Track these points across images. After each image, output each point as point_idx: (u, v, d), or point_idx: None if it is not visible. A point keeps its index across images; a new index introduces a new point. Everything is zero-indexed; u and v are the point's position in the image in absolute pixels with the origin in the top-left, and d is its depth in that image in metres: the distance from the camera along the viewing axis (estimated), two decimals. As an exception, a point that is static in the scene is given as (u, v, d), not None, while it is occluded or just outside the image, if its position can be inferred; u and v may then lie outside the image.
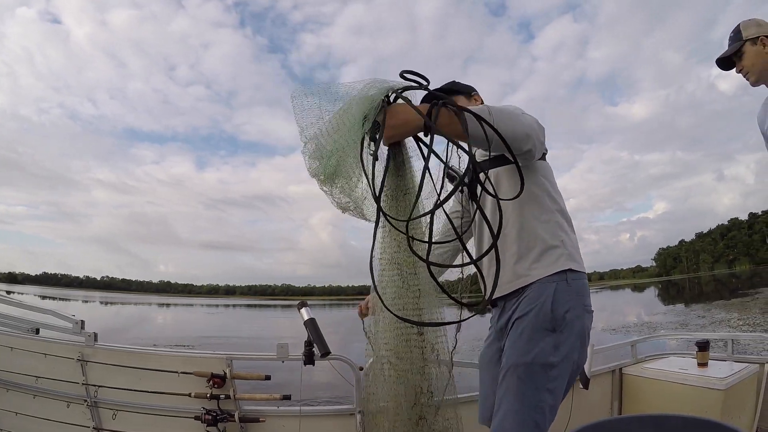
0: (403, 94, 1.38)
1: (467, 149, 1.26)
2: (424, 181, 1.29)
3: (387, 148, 1.44)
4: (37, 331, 2.73)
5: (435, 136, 1.32)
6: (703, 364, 2.96)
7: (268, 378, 2.47)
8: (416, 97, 1.42)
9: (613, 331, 18.55)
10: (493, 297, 1.44)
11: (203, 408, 2.43)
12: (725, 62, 2.22)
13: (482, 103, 1.93)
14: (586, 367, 2.68)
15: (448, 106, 1.32)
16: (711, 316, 22.78)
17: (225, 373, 2.45)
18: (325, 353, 2.28)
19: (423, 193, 1.31)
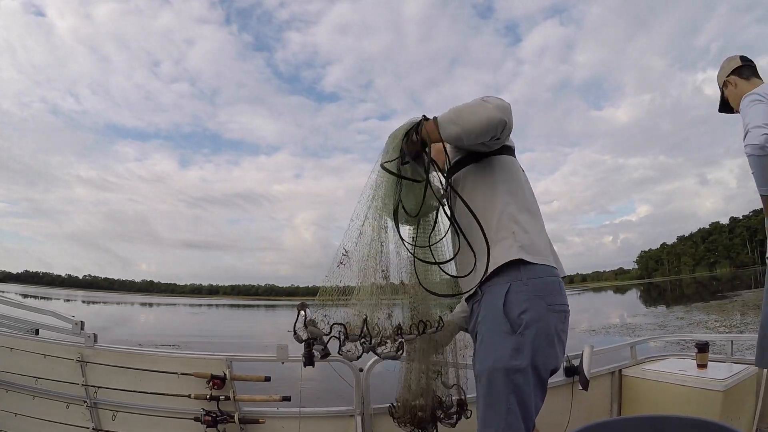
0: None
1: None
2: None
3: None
4: (37, 332, 2.73)
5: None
6: (702, 366, 2.96)
7: (267, 379, 2.50)
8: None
9: (593, 332, 18.71)
10: (465, 296, 1.72)
11: (203, 409, 2.46)
12: (725, 108, 2.53)
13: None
14: (585, 368, 2.72)
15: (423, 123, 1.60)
16: (689, 318, 23.03)
17: (225, 375, 2.48)
18: (325, 354, 2.32)
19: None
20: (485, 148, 1.70)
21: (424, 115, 1.63)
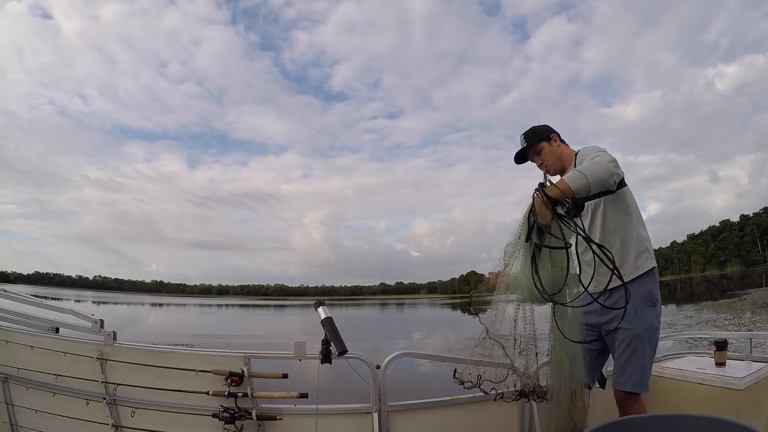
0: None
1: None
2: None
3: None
4: (57, 330, 2.78)
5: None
6: (720, 364, 2.92)
7: (285, 376, 2.52)
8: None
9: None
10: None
11: (221, 406, 2.48)
12: None
13: (559, 142, 2.69)
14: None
15: (548, 187, 2.11)
16: (699, 317, 22.89)
17: (243, 372, 2.50)
18: (343, 351, 2.34)
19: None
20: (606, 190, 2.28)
21: (541, 183, 2.16)
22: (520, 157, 2.75)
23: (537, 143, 2.68)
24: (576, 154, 2.65)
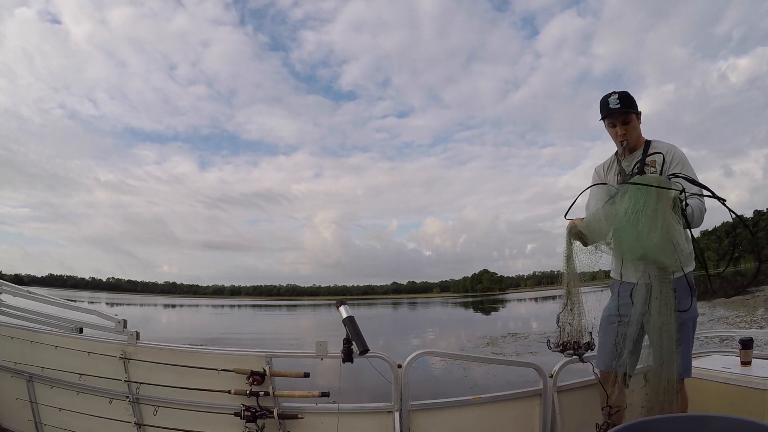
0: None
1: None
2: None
3: None
4: (81, 330, 2.82)
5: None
6: (746, 363, 2.86)
7: (306, 375, 2.53)
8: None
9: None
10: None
11: (243, 405, 2.50)
12: None
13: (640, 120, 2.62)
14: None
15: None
16: (711, 314, 22.64)
17: (264, 371, 2.52)
18: (364, 351, 2.35)
19: None
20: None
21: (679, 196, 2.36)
22: (606, 112, 2.57)
23: (631, 112, 2.55)
24: (648, 143, 2.61)
